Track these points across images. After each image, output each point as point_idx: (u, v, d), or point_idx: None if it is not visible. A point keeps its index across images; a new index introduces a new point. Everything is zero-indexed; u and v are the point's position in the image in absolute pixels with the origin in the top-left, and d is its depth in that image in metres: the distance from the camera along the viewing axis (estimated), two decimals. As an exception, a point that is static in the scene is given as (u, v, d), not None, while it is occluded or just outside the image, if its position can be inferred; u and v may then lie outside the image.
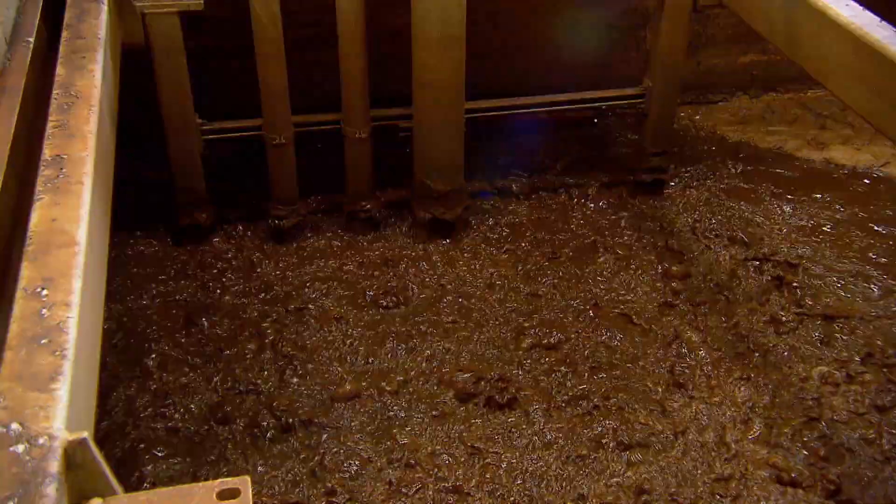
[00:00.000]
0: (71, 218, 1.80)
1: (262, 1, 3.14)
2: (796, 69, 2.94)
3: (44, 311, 1.58)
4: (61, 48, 2.35)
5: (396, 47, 3.45)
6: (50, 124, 2.05)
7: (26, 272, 1.66)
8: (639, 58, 4.22)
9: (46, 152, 1.97)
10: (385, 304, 3.38)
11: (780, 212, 3.88)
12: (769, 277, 3.50)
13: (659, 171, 3.95)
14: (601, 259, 3.62)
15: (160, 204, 3.64)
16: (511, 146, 4.16)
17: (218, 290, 3.41)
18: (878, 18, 2.55)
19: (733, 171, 4.13)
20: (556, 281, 3.51)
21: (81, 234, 1.78)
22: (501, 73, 4.08)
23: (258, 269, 3.52)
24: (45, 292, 1.62)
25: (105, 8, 2.59)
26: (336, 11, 3.28)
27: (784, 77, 4.49)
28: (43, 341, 1.51)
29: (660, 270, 3.56)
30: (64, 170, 1.93)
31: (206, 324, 3.25)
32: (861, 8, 2.62)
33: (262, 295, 3.40)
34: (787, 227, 3.78)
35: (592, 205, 3.91)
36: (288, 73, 3.37)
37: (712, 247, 3.68)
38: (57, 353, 1.50)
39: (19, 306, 1.58)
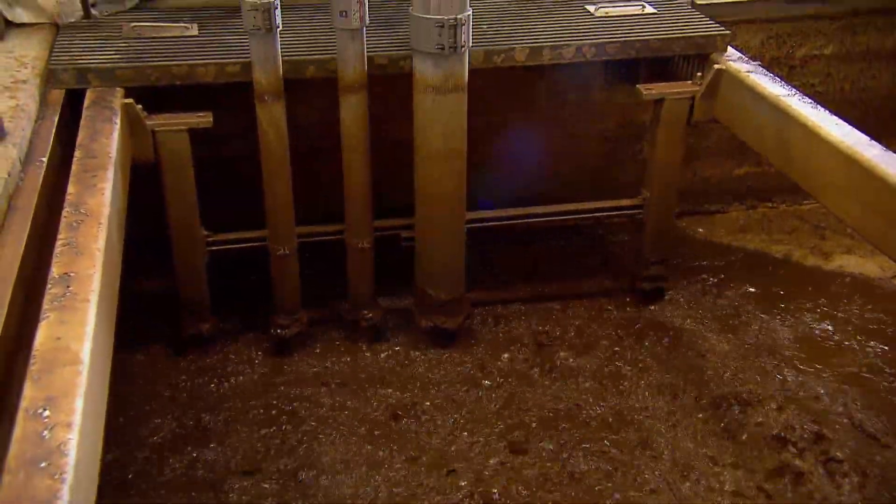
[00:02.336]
0: (76, 336, 1.82)
1: (269, 118, 3.24)
2: (791, 182, 3.01)
3: (45, 432, 1.58)
4: (73, 167, 2.43)
5: (399, 158, 3.54)
6: (59, 242, 2.10)
7: (29, 392, 1.67)
8: (636, 168, 4.31)
9: (54, 270, 2.01)
10: (387, 416, 3.35)
11: (791, 322, 3.88)
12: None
13: (658, 280, 3.98)
14: (605, 370, 3.61)
15: (162, 314, 3.66)
16: (511, 253, 4.20)
17: (217, 408, 3.38)
18: (867, 138, 2.64)
19: (734, 278, 4.15)
20: (555, 392, 3.49)
21: (85, 352, 1.80)
22: (501, 183, 4.16)
23: (259, 383, 3.50)
24: (46, 413, 1.63)
25: (117, 127, 2.68)
26: (340, 125, 3.38)
27: (779, 189, 4.57)
28: (42, 464, 1.51)
29: (663, 382, 3.54)
30: (71, 287, 1.97)
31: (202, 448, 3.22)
32: (850, 127, 2.71)
33: (261, 412, 3.37)
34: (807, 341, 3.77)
35: (593, 313, 3.92)
36: (292, 184, 3.44)
37: (716, 356, 3.67)
38: (56, 476, 1.49)
39: (20, 427, 1.59)
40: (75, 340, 1.80)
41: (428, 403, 3.42)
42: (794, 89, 3.06)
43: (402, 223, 3.67)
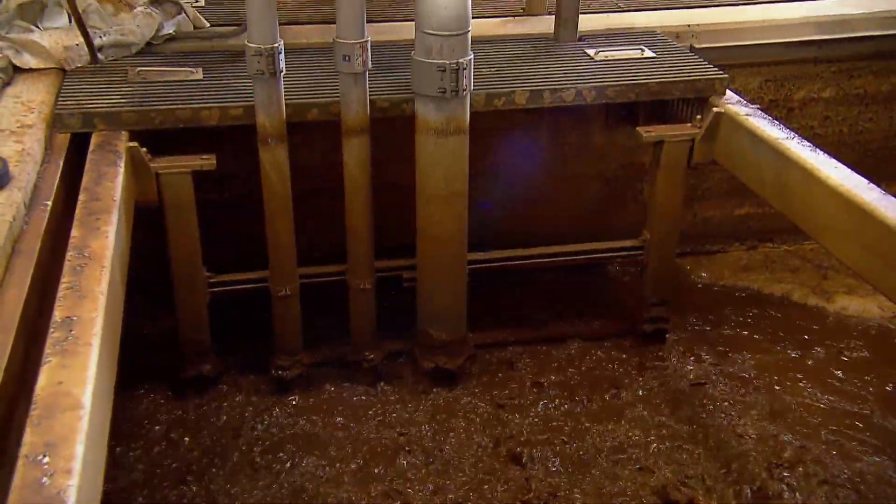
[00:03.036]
0: (77, 381, 1.82)
1: (272, 160, 3.27)
2: (792, 222, 3.02)
3: (44, 479, 1.57)
4: (77, 210, 2.44)
5: (401, 199, 3.56)
6: (62, 286, 2.11)
7: (29, 438, 1.67)
8: (637, 210, 4.33)
9: (57, 314, 2.02)
10: (386, 458, 3.33)
11: (793, 363, 3.86)
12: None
13: (660, 321, 3.98)
14: (604, 414, 3.59)
15: (162, 354, 3.65)
16: (511, 293, 4.21)
17: (217, 449, 3.37)
18: (866, 181, 2.65)
19: (738, 320, 4.15)
20: (556, 435, 3.47)
21: (87, 396, 1.80)
22: (501, 224, 4.19)
23: (258, 425, 3.49)
24: (46, 459, 1.62)
25: (121, 171, 2.71)
26: (343, 167, 3.40)
27: (780, 229, 4.58)
28: (42, 512, 1.50)
29: (665, 426, 3.52)
30: (73, 331, 1.97)
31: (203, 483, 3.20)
32: (849, 170, 2.73)
33: (260, 453, 3.35)
34: (807, 380, 3.75)
35: (593, 354, 3.91)
36: (294, 224, 3.46)
37: (719, 403, 3.66)
38: (55, 525, 1.48)
39: (20, 474, 1.58)
40: (77, 385, 1.80)
41: (429, 444, 3.40)
42: (792, 132, 3.09)
43: (404, 264, 3.68)
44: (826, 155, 2.87)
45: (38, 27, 3.39)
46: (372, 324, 3.72)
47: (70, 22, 3.39)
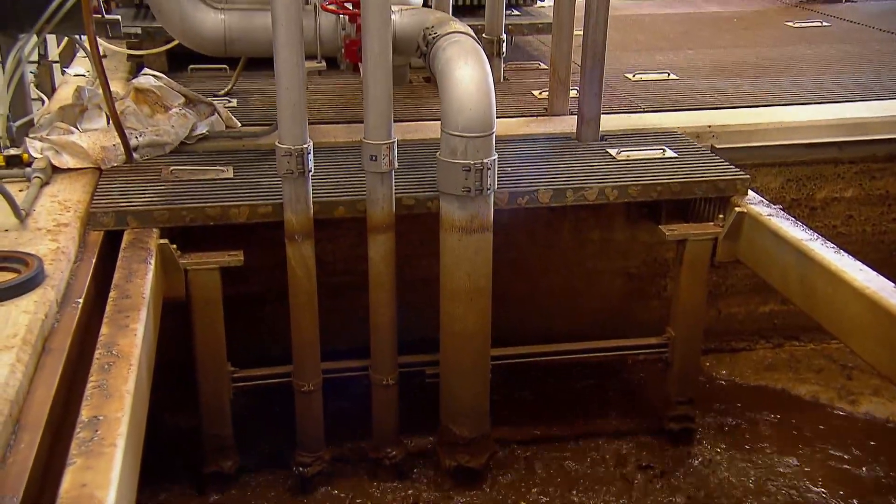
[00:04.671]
0: (101, 483, 1.82)
1: (298, 257, 3.31)
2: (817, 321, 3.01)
3: (64, 588, 1.56)
4: (108, 307, 2.49)
5: (425, 294, 3.58)
6: (90, 384, 2.13)
7: (52, 542, 1.66)
8: (660, 305, 4.33)
9: (84, 414, 2.03)
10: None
11: (819, 466, 3.78)
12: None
13: (686, 420, 3.92)
14: (632, 513, 3.51)
15: (184, 448, 3.64)
16: (535, 389, 4.17)
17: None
18: (891, 284, 2.65)
19: (763, 420, 4.08)
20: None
21: (110, 500, 1.79)
22: (524, 319, 4.19)
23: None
24: (68, 565, 1.61)
25: (152, 268, 2.76)
26: (368, 263, 3.44)
27: (806, 327, 4.54)
28: None
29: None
30: (98, 432, 1.98)
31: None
32: (874, 273, 2.72)
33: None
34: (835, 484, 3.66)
35: (618, 453, 3.85)
36: (318, 318, 3.48)
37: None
38: None
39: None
40: (100, 488, 1.80)
41: (451, 547, 3.34)
42: (815, 234, 3.10)
43: (427, 359, 3.68)
44: (850, 257, 2.87)
45: (77, 128, 3.51)
46: (394, 420, 3.69)
47: (108, 123, 3.52)
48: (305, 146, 3.12)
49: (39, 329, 2.26)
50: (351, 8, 3.54)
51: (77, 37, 3.95)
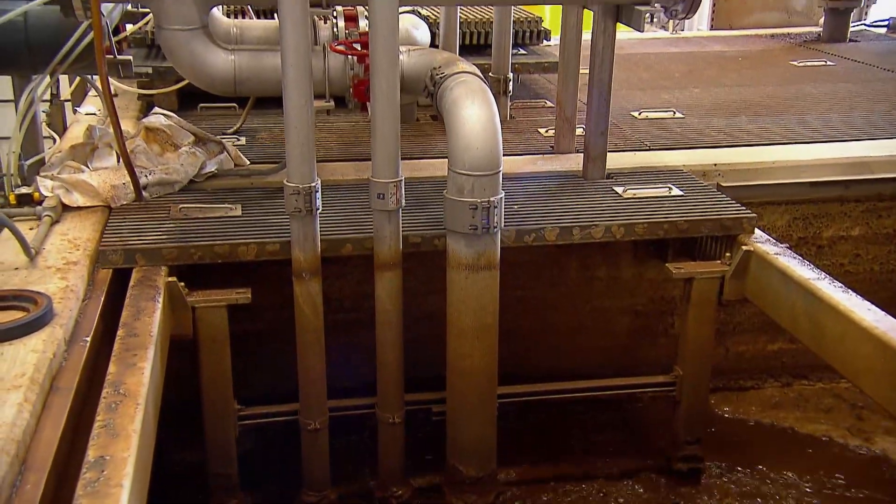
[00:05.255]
0: (106, 525, 1.82)
1: (306, 294, 3.32)
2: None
3: None
4: (115, 346, 2.49)
5: (431, 330, 3.58)
6: (97, 424, 2.13)
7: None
8: (667, 343, 4.31)
9: (90, 454, 2.03)
10: None
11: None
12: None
13: (694, 460, 3.89)
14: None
15: (189, 488, 3.62)
16: (540, 427, 4.15)
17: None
18: (900, 324, 2.64)
19: (772, 460, 4.04)
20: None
21: (115, 542, 1.79)
22: (532, 356, 4.18)
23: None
24: None
25: (160, 306, 2.77)
26: (375, 300, 3.45)
27: (814, 366, 4.51)
28: None
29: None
30: (105, 472, 1.98)
31: None
32: (883, 313, 2.72)
33: None
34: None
35: (626, 494, 3.81)
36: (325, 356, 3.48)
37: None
38: None
39: None
40: (106, 530, 1.79)
41: (457, 589, 3.30)
42: (823, 273, 3.10)
43: (434, 397, 3.66)
44: (858, 297, 2.87)
45: (88, 167, 3.55)
46: (400, 458, 3.67)
47: (118, 162, 3.56)
48: (313, 185, 3.14)
49: (47, 368, 2.27)
50: (360, 48, 3.58)
51: (89, 76, 4.00)
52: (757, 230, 3.62)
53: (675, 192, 3.88)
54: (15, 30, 3.25)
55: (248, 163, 4.06)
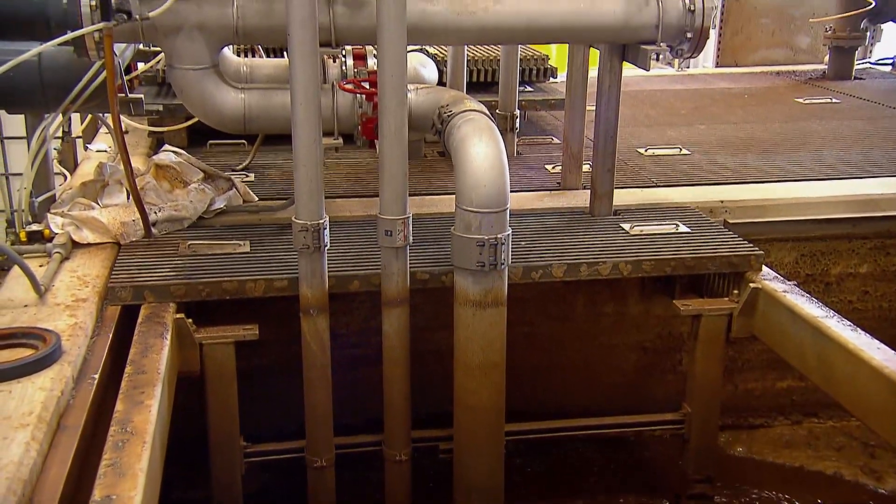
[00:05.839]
0: (111, 567, 1.81)
1: (313, 331, 3.32)
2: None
3: None
4: (123, 383, 2.50)
5: (438, 366, 3.57)
6: (103, 463, 2.13)
7: None
8: (675, 379, 4.29)
9: (97, 493, 2.02)
10: None
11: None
12: None
13: (704, 499, 3.85)
14: None
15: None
16: (548, 464, 4.12)
17: None
18: (909, 363, 2.63)
19: (784, 499, 3.99)
20: None
21: (119, 582, 1.77)
22: (539, 393, 4.16)
23: None
24: None
25: (167, 343, 2.77)
26: (382, 337, 3.44)
27: (825, 404, 4.46)
28: None
29: None
30: (111, 512, 1.97)
31: None
32: (893, 352, 2.70)
33: None
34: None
35: (637, 533, 3.78)
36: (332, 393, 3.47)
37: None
38: None
39: None
40: (110, 571, 1.78)
41: None
42: (831, 311, 3.09)
43: (441, 434, 3.65)
44: (868, 335, 2.86)
45: (98, 204, 3.58)
46: (407, 496, 3.64)
47: (128, 199, 3.58)
48: (322, 221, 3.16)
49: (55, 406, 2.27)
50: (368, 87, 3.62)
51: (101, 114, 4.05)
52: (764, 267, 3.61)
53: (683, 228, 3.89)
54: (29, 70, 3.29)
55: (257, 199, 4.09)
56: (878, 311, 4.50)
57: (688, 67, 8.17)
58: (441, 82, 4.83)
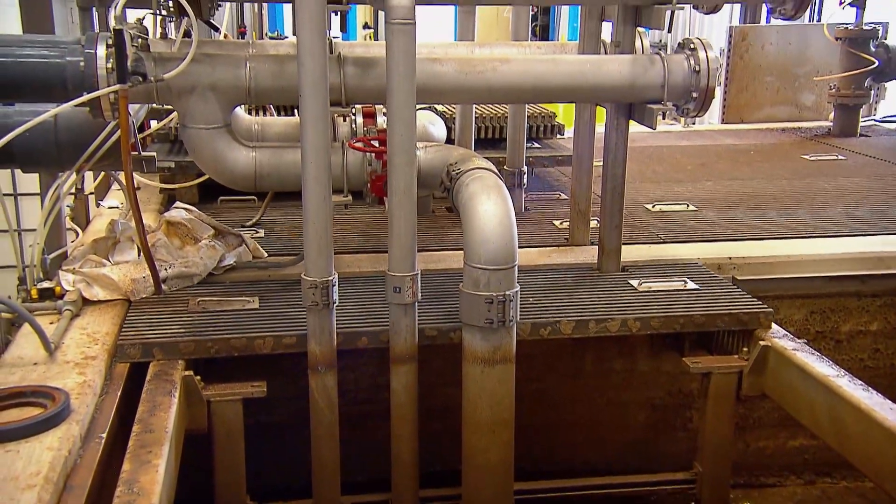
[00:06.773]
0: None
1: (321, 387, 3.31)
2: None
3: None
4: (131, 442, 2.49)
5: (446, 424, 3.54)
6: (110, 526, 2.11)
7: None
8: (686, 437, 4.24)
9: (101, 558, 2.00)
10: None
11: None
12: None
13: (718, 562, 3.78)
14: None
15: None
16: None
17: None
18: (922, 424, 2.60)
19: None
20: None
21: None
22: (548, 450, 4.12)
23: None
24: None
25: (175, 401, 2.77)
26: (390, 394, 3.43)
27: (838, 463, 4.40)
28: None
29: None
30: (115, 578, 1.94)
31: None
32: (904, 412, 2.68)
33: None
34: None
35: None
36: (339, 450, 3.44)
37: None
38: None
39: None
40: None
41: None
42: (842, 370, 3.07)
43: (449, 493, 3.60)
44: (880, 395, 2.83)
45: (109, 260, 3.60)
46: (414, 558, 3.59)
47: (139, 256, 3.61)
48: (331, 278, 3.17)
49: (62, 466, 2.26)
50: (377, 145, 3.66)
51: (113, 172, 4.10)
52: (774, 325, 3.60)
53: (691, 285, 3.89)
54: (46, 130, 3.35)
55: (267, 255, 4.11)
56: (890, 369, 4.45)
57: (693, 124, 8.25)
58: (450, 139, 4.89)
